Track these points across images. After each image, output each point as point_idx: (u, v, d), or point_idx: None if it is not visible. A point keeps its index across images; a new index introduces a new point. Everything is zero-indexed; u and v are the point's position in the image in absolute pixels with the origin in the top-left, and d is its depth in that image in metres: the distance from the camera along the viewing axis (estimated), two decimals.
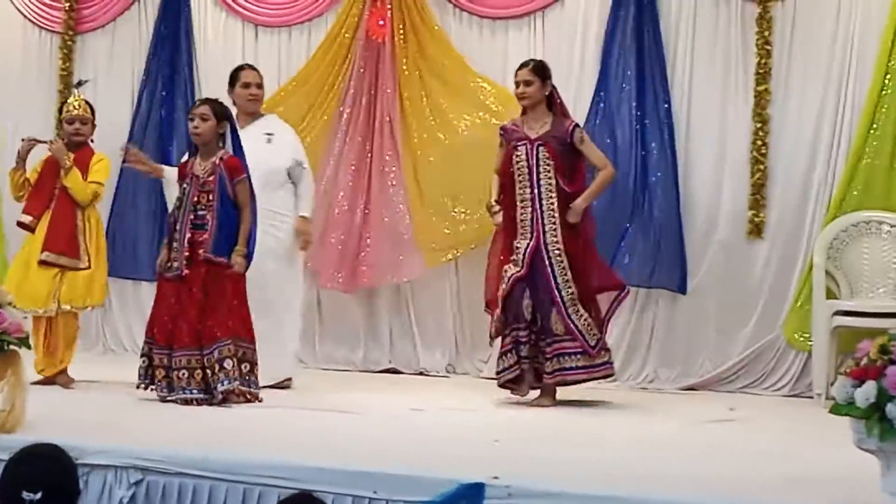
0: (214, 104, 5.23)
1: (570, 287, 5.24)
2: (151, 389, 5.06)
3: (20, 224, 5.71)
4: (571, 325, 5.19)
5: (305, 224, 5.78)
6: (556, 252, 5.26)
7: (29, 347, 4.18)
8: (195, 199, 5.07)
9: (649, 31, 6.28)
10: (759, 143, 6.07)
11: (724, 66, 6.22)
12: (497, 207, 5.43)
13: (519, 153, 5.35)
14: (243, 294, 5.10)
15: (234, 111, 5.62)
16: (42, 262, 5.49)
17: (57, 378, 5.52)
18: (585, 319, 5.25)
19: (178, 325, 4.99)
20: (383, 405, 5.30)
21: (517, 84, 5.44)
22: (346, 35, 6.84)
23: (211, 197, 5.05)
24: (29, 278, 5.47)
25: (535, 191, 5.30)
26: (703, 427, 4.97)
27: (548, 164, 5.30)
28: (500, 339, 5.38)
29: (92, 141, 5.77)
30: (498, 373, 5.36)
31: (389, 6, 6.69)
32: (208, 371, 4.94)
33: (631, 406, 5.53)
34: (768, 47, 6.05)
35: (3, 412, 3.98)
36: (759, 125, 6.07)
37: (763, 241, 6.11)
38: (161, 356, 5.02)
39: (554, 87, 5.48)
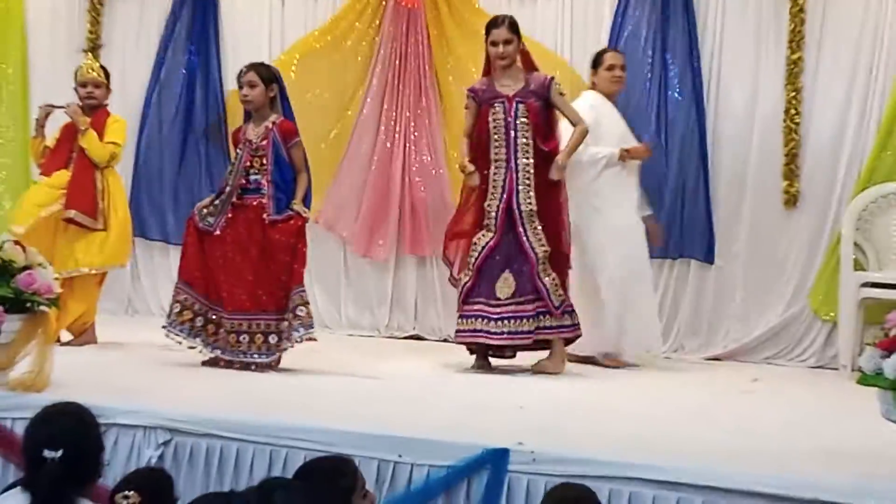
0: (260, 68, 5.16)
1: (543, 246, 5.17)
2: (179, 338, 5.02)
3: None
4: (539, 284, 5.15)
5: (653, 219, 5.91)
6: (529, 211, 5.17)
7: (59, 308, 4.22)
8: (248, 163, 5.05)
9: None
10: (793, 111, 6.01)
11: (755, 34, 6.16)
12: (472, 168, 5.27)
13: (496, 111, 5.24)
14: (303, 248, 5.00)
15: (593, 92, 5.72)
16: (68, 220, 5.51)
17: (82, 336, 5.58)
18: (553, 280, 5.19)
19: (233, 287, 4.96)
20: (408, 371, 5.33)
21: (495, 44, 5.25)
22: (374, 0, 6.82)
23: (265, 161, 5.03)
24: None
25: (511, 150, 5.20)
26: (728, 398, 4.97)
27: (525, 122, 5.20)
28: (462, 296, 5.29)
29: (107, 104, 5.78)
30: (458, 332, 5.32)
31: None
32: (286, 322, 4.89)
33: (655, 375, 5.53)
34: (802, 15, 5.97)
35: (31, 373, 4.02)
36: (792, 94, 6.01)
37: (794, 212, 6.07)
38: (198, 302, 5.02)
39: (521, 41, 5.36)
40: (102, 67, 5.82)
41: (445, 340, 6.63)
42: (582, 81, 6.21)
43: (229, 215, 5.03)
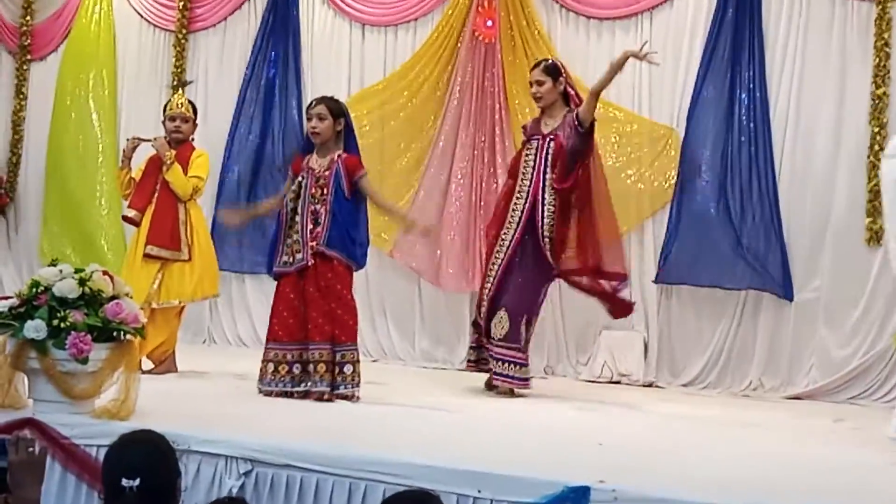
0: (330, 102, 5.22)
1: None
2: (276, 394, 4.98)
3: (125, 218, 5.92)
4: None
5: None
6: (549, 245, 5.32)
7: (144, 337, 4.29)
8: (312, 190, 5.10)
9: (753, 33, 6.17)
10: (877, 147, 5.89)
11: (838, 69, 6.07)
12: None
13: (530, 147, 5.42)
14: (348, 294, 5.07)
15: None
16: (146, 256, 5.64)
17: (163, 364, 5.67)
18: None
19: (310, 316, 4.99)
20: (484, 404, 5.30)
21: (531, 84, 5.49)
22: (453, 35, 6.87)
23: (325, 191, 5.06)
24: (133, 273, 5.60)
25: (539, 185, 5.32)
26: (812, 437, 4.86)
27: (555, 159, 5.32)
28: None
29: (192, 139, 5.91)
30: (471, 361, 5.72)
31: (496, 6, 6.70)
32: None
33: (735, 414, 5.43)
34: (888, 49, 5.89)
35: (116, 401, 4.08)
36: (876, 130, 5.91)
37: (879, 249, 5.93)
38: (290, 352, 5.00)
39: (570, 84, 5.48)
40: (190, 102, 5.96)
41: None
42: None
43: (312, 243, 5.02)
